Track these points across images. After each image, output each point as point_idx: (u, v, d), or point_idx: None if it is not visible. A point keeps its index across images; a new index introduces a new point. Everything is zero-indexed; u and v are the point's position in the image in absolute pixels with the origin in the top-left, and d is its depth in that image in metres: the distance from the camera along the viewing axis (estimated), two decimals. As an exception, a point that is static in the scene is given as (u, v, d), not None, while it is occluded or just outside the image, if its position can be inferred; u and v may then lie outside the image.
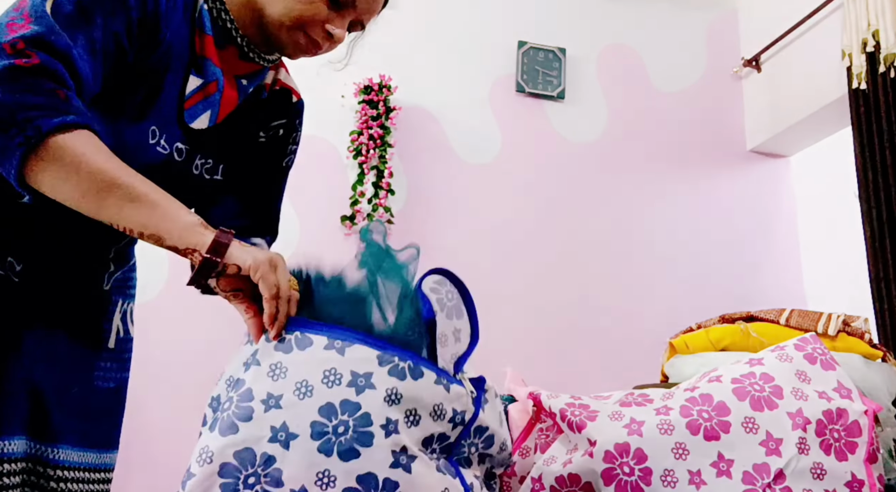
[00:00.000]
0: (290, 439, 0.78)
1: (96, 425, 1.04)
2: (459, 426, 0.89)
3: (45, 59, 0.76)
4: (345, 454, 0.78)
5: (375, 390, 0.81)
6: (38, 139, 0.74)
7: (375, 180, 2.78)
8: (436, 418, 0.86)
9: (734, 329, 1.60)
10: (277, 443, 0.77)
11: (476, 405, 0.92)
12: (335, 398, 0.80)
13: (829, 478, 1.01)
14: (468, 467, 0.92)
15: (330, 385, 0.81)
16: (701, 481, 0.99)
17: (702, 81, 3.32)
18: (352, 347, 0.83)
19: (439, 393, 0.86)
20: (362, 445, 0.79)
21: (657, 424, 1.04)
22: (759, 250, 3.14)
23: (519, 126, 3.04)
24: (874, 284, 2.41)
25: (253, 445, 0.77)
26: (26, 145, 0.74)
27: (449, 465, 0.88)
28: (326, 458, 0.77)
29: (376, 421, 0.80)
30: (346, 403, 0.80)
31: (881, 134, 2.47)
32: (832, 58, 2.79)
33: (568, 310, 2.84)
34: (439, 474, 0.84)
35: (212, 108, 1.00)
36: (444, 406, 0.87)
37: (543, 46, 3.11)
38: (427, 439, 0.85)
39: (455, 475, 0.87)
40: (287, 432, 0.78)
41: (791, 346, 1.17)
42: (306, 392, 0.80)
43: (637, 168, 3.11)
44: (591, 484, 1.02)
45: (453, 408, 0.88)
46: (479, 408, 0.92)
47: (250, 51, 1.00)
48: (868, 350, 1.47)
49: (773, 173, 3.28)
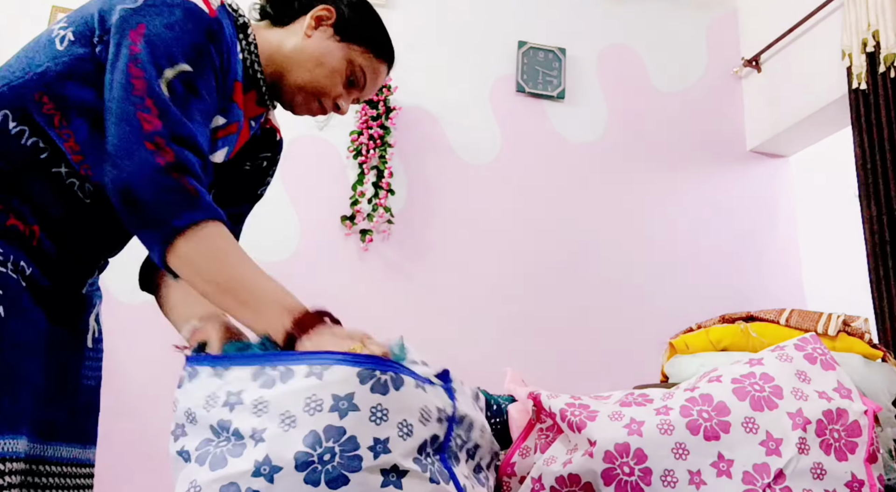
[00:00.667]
0: (273, 472, 0.76)
1: (83, 422, 1.08)
2: (446, 423, 0.89)
3: (179, 153, 0.87)
4: (333, 483, 0.76)
5: (359, 411, 0.79)
6: (172, 237, 0.86)
7: (375, 180, 2.78)
8: (425, 422, 0.85)
9: (734, 329, 1.60)
10: (261, 477, 0.76)
11: (451, 397, 0.92)
12: (318, 426, 0.78)
13: (829, 478, 1.01)
14: (457, 464, 0.92)
15: (311, 413, 0.78)
16: (701, 482, 0.99)
17: (702, 81, 3.32)
18: (329, 370, 0.81)
19: (420, 396, 0.85)
20: (350, 471, 0.77)
21: (657, 424, 1.04)
22: (760, 250, 3.14)
23: (519, 126, 3.04)
24: (874, 284, 2.41)
25: (238, 480, 0.76)
26: (163, 243, 0.86)
27: (443, 468, 0.87)
28: (314, 488, 0.75)
29: (363, 443, 0.78)
30: (330, 428, 0.78)
31: (881, 134, 2.47)
32: (832, 58, 2.79)
33: (568, 310, 2.84)
34: (432, 484, 0.83)
35: (229, 146, 1.09)
36: (429, 407, 0.86)
37: (543, 46, 3.11)
38: (421, 446, 0.84)
39: (449, 479, 0.86)
40: (270, 465, 0.76)
41: (791, 346, 1.17)
42: (290, 423, 0.78)
43: (637, 168, 3.11)
44: (590, 484, 1.02)
45: (436, 406, 0.87)
46: (454, 399, 0.92)
47: (267, 98, 1.12)
48: (868, 350, 1.47)
49: (773, 173, 3.28)
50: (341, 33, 1.10)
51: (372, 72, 1.14)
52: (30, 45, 1.00)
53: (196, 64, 0.94)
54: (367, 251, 2.73)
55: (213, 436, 0.82)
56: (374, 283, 2.70)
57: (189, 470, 0.80)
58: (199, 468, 0.79)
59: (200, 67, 0.94)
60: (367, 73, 1.13)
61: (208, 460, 0.79)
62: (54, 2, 2.62)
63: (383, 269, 2.73)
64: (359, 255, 2.71)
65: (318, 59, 1.09)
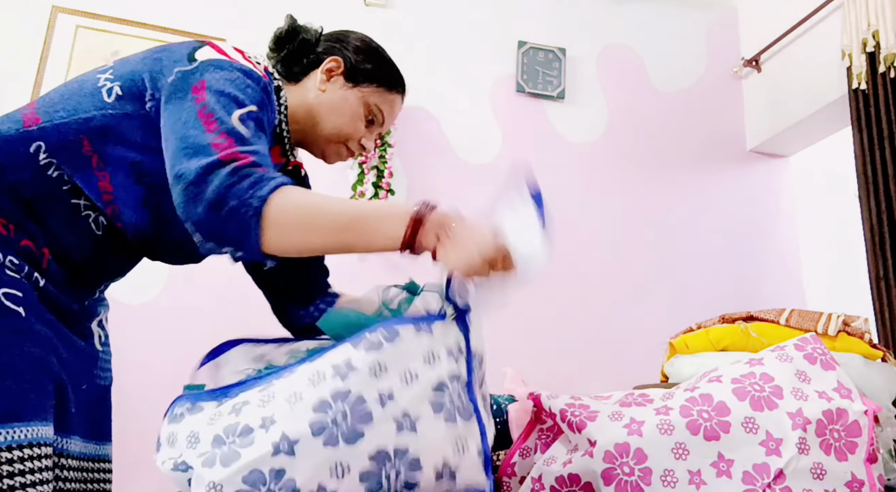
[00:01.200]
0: (293, 445, 0.79)
1: (98, 419, 1.12)
2: (461, 356, 0.92)
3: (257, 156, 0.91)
4: (350, 439, 0.80)
5: (357, 370, 0.83)
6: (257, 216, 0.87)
7: (375, 180, 2.78)
8: (431, 362, 0.88)
9: (734, 329, 1.60)
10: (281, 454, 0.78)
11: (464, 330, 0.94)
12: (325, 392, 0.82)
13: (830, 478, 1.01)
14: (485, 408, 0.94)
15: (315, 384, 0.83)
16: (701, 482, 0.99)
17: (702, 81, 3.32)
18: (324, 356, 0.86)
19: (422, 342, 0.89)
20: (364, 423, 0.81)
21: (657, 424, 1.04)
22: (759, 250, 3.14)
23: (519, 126, 3.03)
24: (874, 284, 2.41)
25: (259, 464, 0.78)
26: (256, 215, 0.87)
27: (469, 402, 0.90)
28: (334, 449, 0.79)
29: (369, 398, 0.82)
30: (337, 392, 0.82)
31: (881, 134, 2.47)
32: (832, 58, 2.79)
33: (568, 309, 2.84)
34: (449, 423, 0.86)
35: None
36: (434, 350, 0.89)
37: (543, 46, 3.11)
38: (437, 386, 0.87)
39: (471, 415, 0.89)
40: (288, 440, 0.79)
41: (791, 346, 1.17)
42: (297, 399, 0.82)
43: (637, 168, 3.11)
44: (591, 484, 1.02)
45: (445, 346, 0.90)
46: (468, 333, 0.95)
47: (290, 152, 1.20)
48: (868, 350, 1.47)
49: (773, 173, 3.28)
50: (352, 79, 1.18)
51: (388, 105, 1.23)
52: (72, 87, 1.05)
53: (260, 106, 1.00)
54: (367, 251, 2.73)
55: (215, 445, 0.83)
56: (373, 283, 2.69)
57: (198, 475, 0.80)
58: (209, 470, 0.79)
59: (262, 110, 1.00)
60: (384, 109, 1.22)
61: (218, 460, 0.80)
62: (54, 2, 2.62)
63: (383, 269, 2.73)
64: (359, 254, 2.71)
65: (338, 110, 1.17)
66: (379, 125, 1.24)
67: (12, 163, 0.98)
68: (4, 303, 0.91)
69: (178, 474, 0.84)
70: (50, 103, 1.03)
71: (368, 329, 0.87)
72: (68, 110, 1.01)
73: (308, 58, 1.19)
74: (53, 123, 1.00)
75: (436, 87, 2.96)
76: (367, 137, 1.23)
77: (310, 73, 1.18)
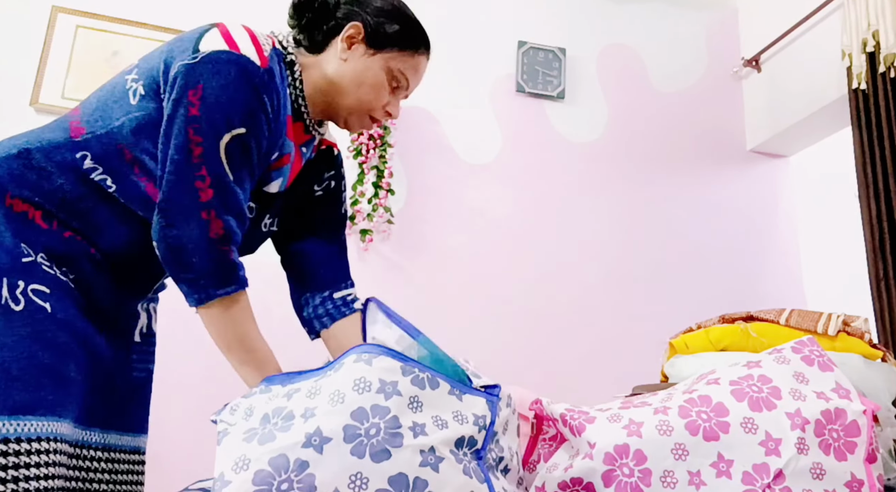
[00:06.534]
0: (323, 443, 0.80)
1: (133, 411, 1.15)
2: (483, 430, 0.93)
3: (226, 224, 1.00)
4: (377, 456, 0.81)
5: (401, 396, 0.87)
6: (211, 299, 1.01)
7: (375, 180, 2.78)
8: (461, 421, 0.90)
9: (734, 329, 1.60)
10: (311, 447, 0.80)
11: (492, 411, 0.95)
12: (366, 403, 0.84)
13: (829, 478, 1.01)
14: (495, 476, 0.95)
15: (360, 392, 0.85)
16: (701, 482, 1.00)
17: (702, 81, 3.32)
18: (378, 358, 0.89)
19: (453, 402, 0.92)
20: (393, 446, 0.82)
21: (656, 424, 1.04)
22: (759, 250, 3.14)
23: (519, 126, 3.04)
24: (874, 284, 2.41)
25: (287, 451, 0.80)
26: (200, 301, 1.01)
27: (479, 470, 0.90)
28: (359, 460, 0.80)
29: (404, 423, 0.84)
30: (377, 407, 0.84)
31: (881, 134, 2.47)
32: (832, 58, 2.79)
33: (568, 310, 2.84)
34: (465, 476, 0.87)
35: (283, 177, 1.16)
36: (463, 412, 0.92)
37: (543, 46, 3.11)
38: (459, 441, 0.89)
39: (483, 481, 0.89)
40: (321, 436, 0.81)
41: (788, 348, 1.17)
42: (339, 399, 0.84)
43: (637, 168, 3.11)
44: (592, 485, 1.02)
45: (473, 413, 0.92)
46: (495, 413, 0.96)
47: (312, 127, 1.19)
48: (868, 350, 1.47)
49: (773, 173, 3.28)
50: (374, 45, 1.14)
51: (412, 69, 1.18)
52: (106, 90, 1.08)
53: (250, 125, 1.01)
54: (367, 251, 2.73)
55: (262, 423, 0.87)
56: (373, 283, 2.70)
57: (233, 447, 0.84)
58: (247, 445, 0.83)
59: (253, 127, 1.02)
60: (409, 73, 1.18)
61: (256, 439, 0.83)
62: (54, 2, 2.62)
63: (383, 269, 2.73)
64: (359, 255, 2.71)
65: (360, 80, 1.14)
66: (404, 89, 1.20)
67: (61, 169, 1.02)
68: (31, 298, 0.94)
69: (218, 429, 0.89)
70: (90, 111, 1.06)
71: (420, 366, 0.92)
72: (104, 119, 1.04)
73: (328, 24, 1.14)
74: (95, 134, 1.03)
75: (436, 87, 2.96)
76: (393, 104, 1.20)
77: (331, 41, 1.14)
